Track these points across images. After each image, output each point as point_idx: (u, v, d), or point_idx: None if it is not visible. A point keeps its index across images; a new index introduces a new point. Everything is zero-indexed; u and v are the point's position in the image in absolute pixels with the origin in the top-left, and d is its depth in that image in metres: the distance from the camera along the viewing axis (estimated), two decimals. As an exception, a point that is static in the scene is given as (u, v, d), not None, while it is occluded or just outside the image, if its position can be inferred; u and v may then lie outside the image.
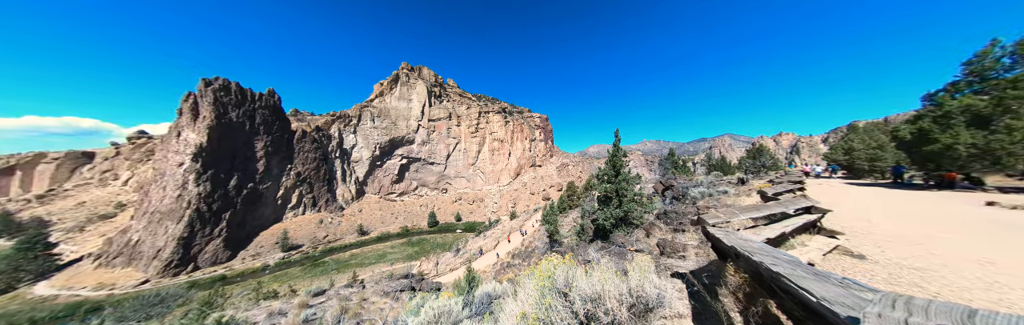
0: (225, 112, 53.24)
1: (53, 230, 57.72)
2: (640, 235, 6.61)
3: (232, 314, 5.65)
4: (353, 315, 6.88)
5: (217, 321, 4.74)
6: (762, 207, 3.58)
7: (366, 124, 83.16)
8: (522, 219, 34.26)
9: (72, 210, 68.62)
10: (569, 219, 22.66)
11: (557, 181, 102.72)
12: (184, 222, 43.54)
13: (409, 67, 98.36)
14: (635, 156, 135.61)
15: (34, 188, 79.78)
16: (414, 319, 3.63)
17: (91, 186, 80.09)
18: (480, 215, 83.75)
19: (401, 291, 9.95)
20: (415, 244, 59.16)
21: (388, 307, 7.70)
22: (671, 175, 16.12)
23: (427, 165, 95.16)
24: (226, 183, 50.69)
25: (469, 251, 23.11)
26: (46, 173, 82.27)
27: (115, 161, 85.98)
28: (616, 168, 9.34)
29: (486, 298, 4.51)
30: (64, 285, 37.15)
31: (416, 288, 11.03)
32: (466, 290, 6.37)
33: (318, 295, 9.07)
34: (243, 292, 18.92)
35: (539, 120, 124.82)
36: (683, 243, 4.29)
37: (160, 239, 42.43)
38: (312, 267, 46.95)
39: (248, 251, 49.81)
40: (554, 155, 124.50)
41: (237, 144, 54.76)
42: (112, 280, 38.44)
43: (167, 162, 48.78)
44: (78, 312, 30.25)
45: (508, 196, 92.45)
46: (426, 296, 6.88)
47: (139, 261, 41.36)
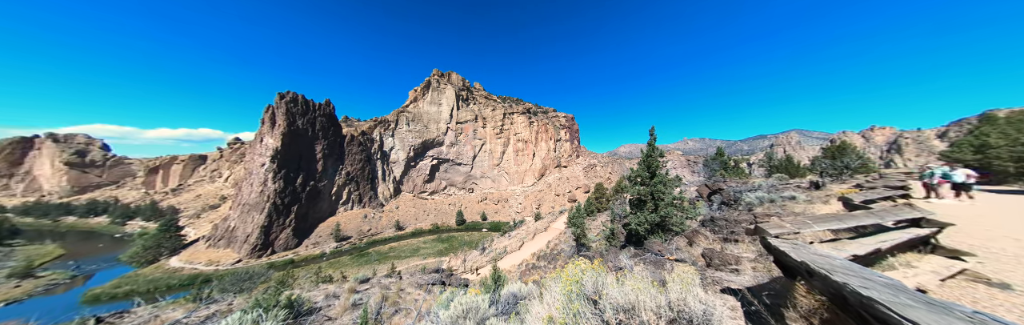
0: (293, 121, 63.22)
1: (181, 216, 74.96)
2: (681, 243, 5.98)
3: (299, 293, 6.61)
4: (392, 303, 7.55)
5: (288, 298, 5.59)
6: (846, 217, 2.95)
7: (402, 128, 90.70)
8: (547, 221, 33.68)
9: (192, 201, 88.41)
10: (597, 222, 21.59)
11: (584, 182, 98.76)
12: (265, 213, 52.78)
13: (439, 73, 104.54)
14: (674, 156, 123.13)
15: (170, 183, 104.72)
16: (445, 312, 3.83)
17: (204, 182, 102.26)
18: (505, 215, 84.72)
19: (433, 284, 10.58)
20: (444, 241, 62.43)
21: (422, 299, 8.27)
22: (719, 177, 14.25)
23: (455, 166, 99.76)
24: (294, 181, 60.03)
25: (494, 250, 23.50)
26: (177, 172, 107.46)
27: (219, 162, 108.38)
28: (651, 169, 8.60)
29: (512, 298, 4.55)
30: (187, 260, 47.97)
31: (446, 283, 11.62)
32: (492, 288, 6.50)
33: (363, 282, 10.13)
34: (306, 275, 22.28)
35: (564, 120, 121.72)
36: (736, 255, 3.76)
37: (249, 226, 52.06)
38: (358, 257, 52.80)
39: (310, 240, 58.13)
40: (581, 155, 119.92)
41: (302, 147, 64.52)
42: (217, 258, 48.40)
43: (253, 163, 59.78)
44: (195, 282, 38.69)
45: (532, 197, 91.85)
46: (455, 291, 7.21)
47: (235, 244, 51.32)
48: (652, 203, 8.26)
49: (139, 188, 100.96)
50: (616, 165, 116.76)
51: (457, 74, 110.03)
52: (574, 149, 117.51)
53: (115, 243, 60.76)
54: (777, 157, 17.81)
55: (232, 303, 7.32)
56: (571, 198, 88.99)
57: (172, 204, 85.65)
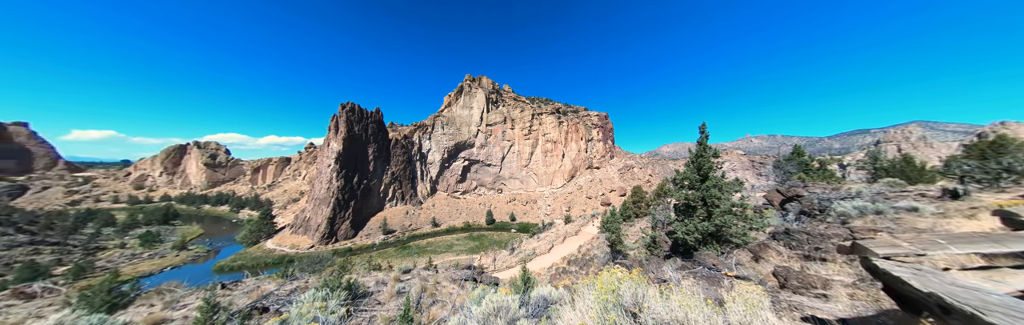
0: (352, 127, 73.64)
1: (273, 207, 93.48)
2: (743, 258, 5.13)
3: (355, 278, 7.61)
4: (430, 294, 8.16)
5: (347, 281, 6.49)
6: (1008, 238, 2.15)
7: (437, 131, 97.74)
8: (578, 224, 32.29)
9: (281, 195, 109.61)
10: (635, 229, 19.86)
11: (619, 185, 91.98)
12: (330, 206, 62.47)
13: (471, 78, 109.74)
14: (733, 156, 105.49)
15: (266, 180, 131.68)
16: (477, 308, 3.97)
17: (289, 180, 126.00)
18: (533, 216, 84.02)
19: (465, 280, 11.09)
20: (476, 239, 64.86)
21: (456, 293, 8.74)
22: (797, 182, 11.74)
23: (485, 166, 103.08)
24: (352, 179, 69.72)
25: (523, 251, 23.47)
26: (271, 171, 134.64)
27: (299, 163, 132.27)
28: (702, 171, 7.58)
29: (542, 301, 4.49)
30: (277, 243, 59.54)
31: (477, 280, 12.05)
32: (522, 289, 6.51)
33: (406, 273, 11.17)
34: (360, 262, 25.67)
35: (597, 118, 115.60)
36: (823, 277, 3.06)
37: (319, 217, 62.23)
38: (401, 249, 58.43)
39: (363, 232, 66.63)
40: (615, 156, 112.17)
41: (358, 150, 74.63)
42: (297, 243, 58.98)
43: (322, 164, 71.43)
44: (283, 262, 47.82)
45: (562, 199, 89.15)
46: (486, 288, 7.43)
47: (309, 232, 61.86)
48: (704, 210, 7.27)
49: (247, 184, 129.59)
50: (657, 166, 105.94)
51: (487, 78, 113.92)
52: (608, 149, 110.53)
53: (233, 227, 78.94)
54: (886, 157, 13.76)
55: (308, 281, 8.86)
56: (604, 201, 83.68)
57: (268, 197, 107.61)
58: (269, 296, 6.88)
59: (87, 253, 48.40)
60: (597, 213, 38.64)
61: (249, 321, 5.17)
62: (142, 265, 45.65)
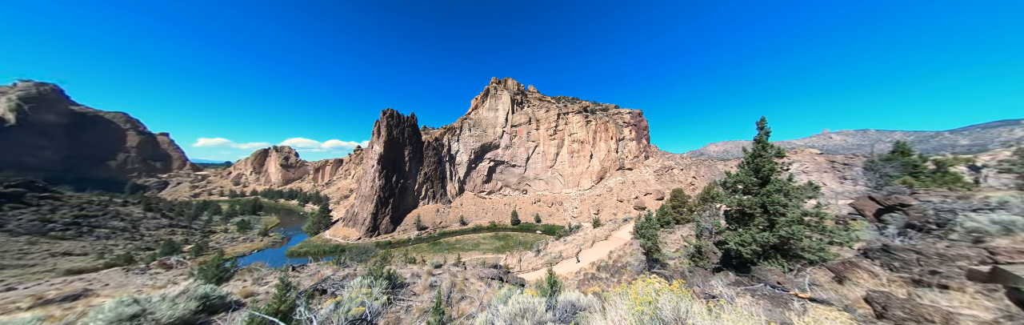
0: (391, 131, 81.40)
1: (330, 202, 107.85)
2: (821, 277, 4.27)
3: (394, 269, 8.36)
4: (459, 290, 8.53)
5: (388, 272, 7.17)
6: None
7: (465, 133, 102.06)
8: (608, 228, 30.45)
9: (335, 192, 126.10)
10: (675, 236, 17.95)
11: (655, 188, 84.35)
12: (374, 203, 69.76)
13: (497, 80, 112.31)
14: (805, 155, 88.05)
15: (324, 179, 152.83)
16: (504, 308, 4.03)
17: (341, 178, 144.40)
18: (559, 218, 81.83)
19: (492, 279, 11.32)
20: (501, 239, 65.81)
21: (483, 290, 8.98)
22: (901, 187, 9.35)
23: (509, 167, 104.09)
24: (391, 179, 76.92)
25: (549, 254, 23.00)
26: (328, 171, 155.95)
27: (349, 164, 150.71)
28: (761, 173, 6.54)
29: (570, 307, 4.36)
30: (333, 234, 68.58)
31: (503, 279, 12.19)
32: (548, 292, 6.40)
33: (437, 268, 11.87)
34: (398, 255, 28.25)
35: (629, 116, 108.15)
36: (944, 309, 2.40)
37: (365, 213, 69.97)
38: (433, 245, 62.31)
39: (400, 227, 72.84)
40: (650, 156, 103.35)
41: (396, 152, 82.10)
42: (348, 234, 67.11)
43: (367, 165, 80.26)
44: (337, 250, 54.87)
45: (590, 201, 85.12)
46: (512, 289, 7.49)
47: (357, 225, 69.92)
48: (764, 218, 6.26)
49: (310, 182, 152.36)
50: (702, 168, 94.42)
51: (513, 80, 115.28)
52: (642, 149, 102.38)
53: (300, 218, 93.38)
54: (1052, 155, 10.11)
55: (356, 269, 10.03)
56: (638, 205, 77.47)
57: (326, 193, 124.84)
58: (327, 280, 7.96)
59: (203, 235, 62.00)
60: (630, 218, 35.94)
61: (312, 300, 6.06)
62: (238, 247, 56.77)
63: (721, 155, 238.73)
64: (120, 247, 45.49)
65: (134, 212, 61.08)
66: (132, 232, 53.11)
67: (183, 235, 58.47)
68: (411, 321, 5.17)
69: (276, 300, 3.56)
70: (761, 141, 6.62)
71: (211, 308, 4.86)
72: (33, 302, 7.70)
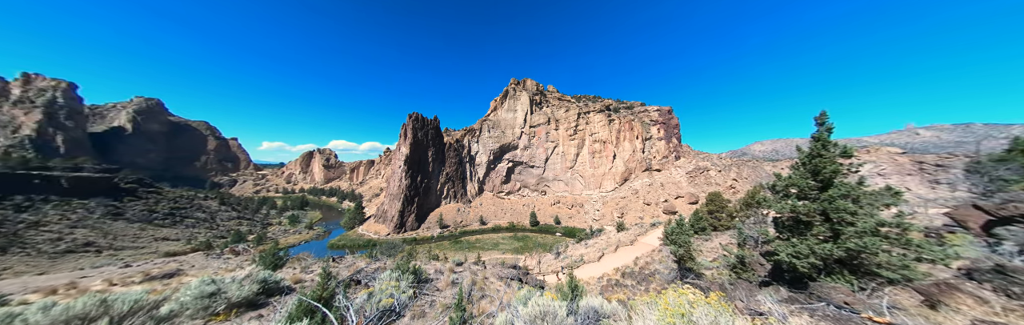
0: (416, 134, 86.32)
1: (363, 200, 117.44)
2: (905, 300, 3.58)
3: (419, 265, 8.80)
4: (479, 288, 8.71)
5: (413, 267, 7.57)
6: None
7: (484, 134, 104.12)
8: (633, 233, 28.73)
9: (368, 190, 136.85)
10: (713, 244, 16.31)
11: (688, 190, 77.73)
12: (400, 201, 74.40)
13: (516, 81, 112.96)
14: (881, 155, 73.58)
15: (359, 178, 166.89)
16: (523, 309, 4.01)
17: (373, 178, 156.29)
18: (580, 221, 79.26)
19: (511, 279, 11.36)
20: (520, 240, 65.71)
21: (503, 290, 9.05)
22: (1021, 193, 7.43)
23: (528, 168, 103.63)
24: (416, 178, 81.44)
25: (569, 257, 22.39)
26: (361, 171, 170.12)
27: (380, 165, 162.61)
28: (822, 175, 5.67)
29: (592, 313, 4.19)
30: (366, 229, 74.51)
31: (522, 280, 12.15)
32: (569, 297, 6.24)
33: (458, 265, 12.24)
34: (422, 251, 29.76)
35: (656, 114, 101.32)
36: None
37: (393, 210, 74.91)
38: (454, 243, 64.45)
39: (424, 225, 76.62)
40: (682, 156, 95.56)
41: (421, 154, 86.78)
42: (378, 230, 72.37)
43: (395, 165, 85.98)
44: (369, 245, 59.49)
45: (613, 204, 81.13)
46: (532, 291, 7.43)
47: (386, 222, 75.12)
48: (825, 227, 5.42)
49: (347, 181, 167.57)
50: (746, 169, 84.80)
51: (532, 80, 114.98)
52: (672, 149, 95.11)
53: (339, 214, 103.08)
54: None
55: (386, 263, 10.77)
56: (668, 209, 71.93)
57: (360, 192, 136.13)
58: (361, 272, 8.66)
59: (263, 227, 71.50)
60: (658, 222, 33.56)
61: (349, 289, 6.65)
62: (289, 238, 64.38)
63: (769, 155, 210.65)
64: (202, 235, 54.38)
65: (212, 205, 72.79)
66: (210, 222, 63.28)
67: (247, 226, 68.08)
68: (435, 315, 5.40)
69: (319, 288, 3.99)
70: (821, 138, 5.74)
71: (268, 291, 5.59)
72: (142, 278, 9.56)
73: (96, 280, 9.70)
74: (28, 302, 6.64)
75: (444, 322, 4.69)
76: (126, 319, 2.59)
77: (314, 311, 3.47)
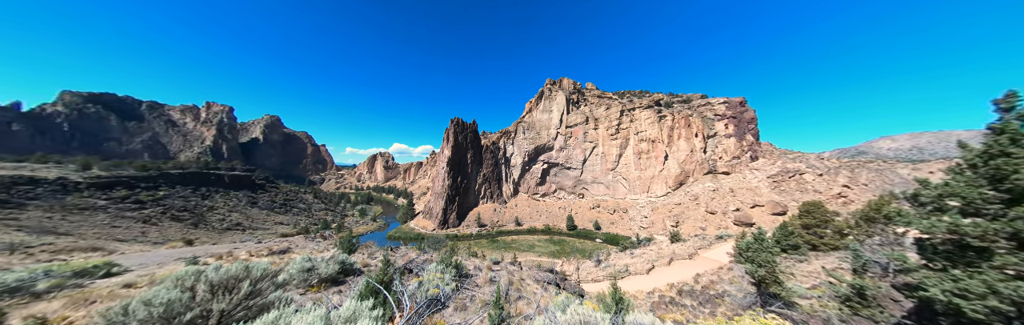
0: (457, 137, 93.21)
1: (414, 197, 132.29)
2: None
3: (460, 260, 9.37)
4: (516, 288, 8.77)
5: (455, 262, 8.09)
6: None
7: (519, 136, 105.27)
8: (692, 245, 24.73)
9: (417, 189, 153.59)
10: (811, 267, 12.74)
11: (770, 198, 63.28)
12: (444, 200, 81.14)
13: (551, 81, 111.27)
14: None
15: (410, 178, 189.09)
16: (561, 316, 3.85)
17: (421, 178, 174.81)
18: (623, 227, 72.29)
19: (548, 283, 11.09)
20: (556, 243, 63.76)
21: (539, 293, 8.90)
22: None
23: (564, 170, 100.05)
24: (457, 179, 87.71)
25: (613, 266, 20.60)
26: (412, 171, 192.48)
27: (427, 166, 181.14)
28: (1009, 184, 3.86)
29: (644, 332, 3.75)
30: (416, 224, 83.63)
31: (560, 285, 11.72)
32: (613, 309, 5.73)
33: (496, 264, 12.59)
34: (462, 248, 31.70)
35: (723, 107, 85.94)
36: None
37: (437, 208, 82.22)
38: (491, 242, 66.70)
39: (464, 222, 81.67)
40: (760, 156, 78.37)
41: (461, 155, 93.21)
42: (426, 225, 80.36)
43: (438, 166, 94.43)
44: (419, 238, 66.56)
45: (665, 211, 71.47)
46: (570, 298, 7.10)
47: (432, 218, 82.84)
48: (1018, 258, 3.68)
49: (401, 180, 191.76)
50: (865, 172, 64.59)
51: (568, 79, 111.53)
52: (745, 147, 78.91)
53: (395, 209, 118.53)
54: None
55: (432, 256, 11.85)
56: (741, 219, 59.61)
57: (411, 190, 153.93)
58: (412, 262, 9.73)
59: (341, 217, 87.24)
60: (727, 235, 28.20)
61: (403, 277, 7.55)
62: (359, 228, 76.95)
63: (904, 154, 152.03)
64: (302, 221, 69.47)
65: (308, 198, 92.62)
66: (308, 212, 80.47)
67: (331, 216, 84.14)
68: (475, 310, 5.66)
69: (381, 272, 4.65)
70: (1006, 130, 3.93)
71: (346, 271, 6.78)
72: (267, 252, 12.75)
73: (242, 251, 13.40)
74: (207, 263, 9.71)
75: (483, 318, 4.88)
76: (259, 282, 3.53)
77: (378, 292, 4.05)
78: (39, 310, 4.03)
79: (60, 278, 5.85)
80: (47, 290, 5.20)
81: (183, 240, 24.43)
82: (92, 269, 6.55)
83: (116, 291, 5.19)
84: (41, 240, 23.47)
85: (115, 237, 32.58)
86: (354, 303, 3.04)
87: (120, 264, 7.69)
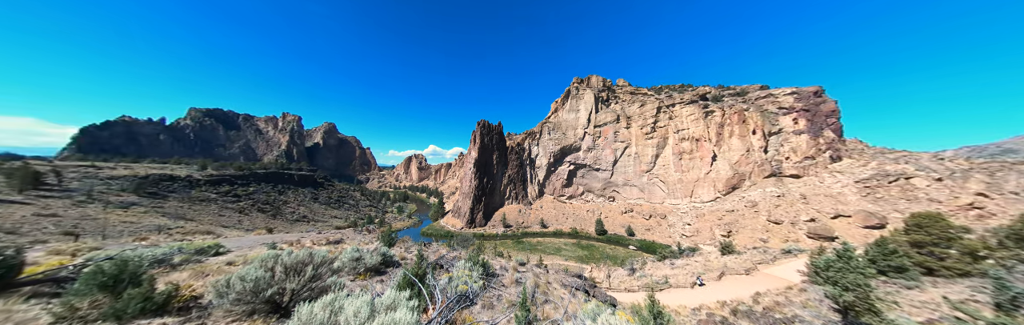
0: (483, 139, 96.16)
1: (444, 197, 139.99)
2: None
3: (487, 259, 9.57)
4: (543, 292, 8.61)
5: (482, 261, 8.29)
6: None
7: (544, 137, 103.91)
8: (749, 259, 21.33)
9: (446, 188, 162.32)
10: (926, 296, 9.91)
11: (859, 207, 51.62)
12: (471, 199, 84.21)
13: (578, 80, 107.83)
14: None
15: (441, 178, 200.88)
16: (591, 324, 3.65)
17: (450, 178, 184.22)
18: (661, 234, 65.69)
19: (576, 289, 10.64)
20: (585, 248, 60.94)
21: (567, 299, 8.59)
22: None
23: (592, 171, 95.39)
24: (483, 180, 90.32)
25: (650, 276, 18.87)
26: (442, 172, 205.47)
27: (455, 167, 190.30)
28: None
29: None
30: (445, 222, 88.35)
31: (589, 292, 11.15)
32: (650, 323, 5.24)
33: (521, 265, 12.57)
34: (488, 247, 32.47)
35: (791, 99, 73.35)
36: None
37: (465, 207, 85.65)
38: (516, 243, 66.87)
39: (490, 222, 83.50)
40: (846, 156, 64.45)
41: (487, 157, 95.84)
42: (454, 223, 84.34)
43: (466, 167, 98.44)
44: (448, 236, 70.16)
45: (713, 218, 62.98)
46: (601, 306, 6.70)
47: (460, 217, 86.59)
48: None
49: (432, 180, 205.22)
50: (1015, 177, 48.72)
51: (597, 76, 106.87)
52: (823, 145, 65.76)
53: (427, 207, 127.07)
54: None
55: (461, 253, 12.36)
56: (818, 232, 49.51)
57: (441, 190, 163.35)
58: (443, 258, 10.26)
59: (383, 213, 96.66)
60: (798, 249, 23.77)
61: (434, 271, 8.02)
62: (397, 224, 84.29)
63: None
64: (352, 216, 78.85)
65: (357, 196, 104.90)
66: (356, 208, 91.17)
67: (374, 212, 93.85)
68: (502, 309, 5.71)
69: (416, 266, 5.02)
70: None
71: (386, 262, 7.47)
72: (325, 242, 14.75)
73: (306, 240, 15.73)
74: (282, 249, 11.69)
75: (510, 318, 4.89)
76: (319, 267, 4.12)
77: (413, 284, 4.38)
78: (174, 278, 5.31)
79: (187, 254, 7.64)
80: (180, 263, 6.83)
81: (265, 228, 29.75)
82: (207, 249, 8.43)
83: (222, 267, 6.56)
84: (176, 224, 30.93)
85: (221, 224, 41.19)
86: (394, 293, 3.34)
87: (224, 246, 9.73)
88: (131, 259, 3.87)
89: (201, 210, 45.94)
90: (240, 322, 3.35)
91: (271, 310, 3.55)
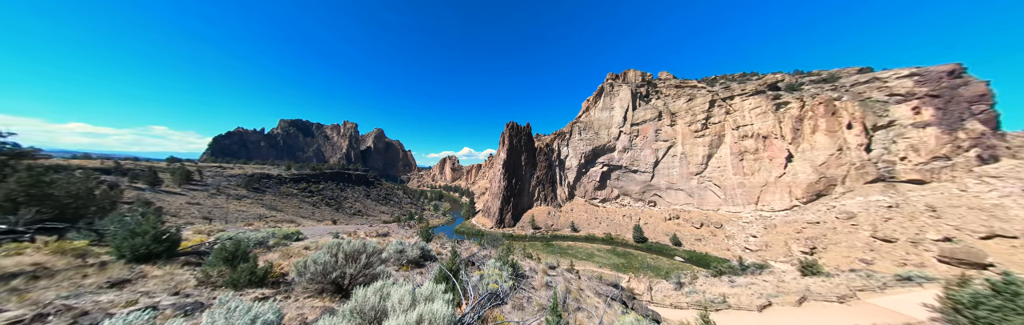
0: (512, 140, 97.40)
1: (475, 196, 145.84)
2: None
3: (516, 260, 9.60)
4: (574, 298, 8.25)
5: (512, 261, 8.34)
6: None
7: (575, 137, 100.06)
8: (843, 283, 17.03)
9: (477, 188, 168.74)
10: None
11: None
12: (500, 200, 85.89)
13: (613, 76, 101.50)
14: None
15: (472, 179, 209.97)
16: None
17: (481, 178, 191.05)
18: (715, 246, 56.81)
19: (612, 299, 9.92)
20: (621, 256, 56.46)
21: (602, 308, 8.08)
22: None
23: (629, 173, 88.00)
24: (512, 181, 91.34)
25: (701, 293, 16.55)
26: (473, 172, 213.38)
27: (486, 168, 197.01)
28: None
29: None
30: (476, 221, 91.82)
31: (627, 304, 10.30)
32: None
33: (552, 268, 12.28)
34: (517, 248, 32.61)
35: (911, 82, 58.29)
36: None
37: (494, 207, 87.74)
38: (546, 245, 65.64)
39: (519, 223, 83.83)
40: (1005, 155, 47.33)
41: (515, 158, 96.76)
42: (484, 223, 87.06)
43: (495, 168, 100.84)
44: (479, 234, 72.63)
45: (790, 230, 52.00)
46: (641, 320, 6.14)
47: (489, 216, 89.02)
48: None
49: (464, 180, 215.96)
50: None
51: (635, 71, 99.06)
52: (966, 142, 49.54)
53: (459, 206, 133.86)
54: None
55: (491, 252, 12.68)
56: (956, 255, 36.90)
57: (472, 190, 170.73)
58: (474, 256, 10.68)
59: (421, 210, 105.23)
60: (923, 276, 18.20)
61: (467, 268, 8.39)
62: (433, 221, 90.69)
63: None
64: (396, 212, 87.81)
65: (400, 194, 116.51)
66: (399, 205, 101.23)
67: (414, 209, 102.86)
68: (532, 312, 5.67)
69: (450, 262, 5.34)
70: None
71: (424, 256, 8.11)
72: (375, 234, 16.72)
73: (360, 232, 18.07)
74: (343, 238, 13.73)
75: (541, 322, 4.83)
76: (371, 256, 4.72)
77: (448, 278, 4.67)
78: (268, 258, 6.68)
79: (278, 239, 9.52)
80: (273, 245, 8.55)
81: (331, 220, 35.19)
82: (290, 235, 10.41)
83: (301, 251, 7.99)
84: (270, 213, 38.77)
85: (300, 215, 50.12)
86: (432, 285, 3.61)
87: (302, 233, 11.87)
88: (243, 240, 5.07)
89: (287, 203, 56.71)
90: (313, 298, 4.04)
91: (335, 290, 4.19)
